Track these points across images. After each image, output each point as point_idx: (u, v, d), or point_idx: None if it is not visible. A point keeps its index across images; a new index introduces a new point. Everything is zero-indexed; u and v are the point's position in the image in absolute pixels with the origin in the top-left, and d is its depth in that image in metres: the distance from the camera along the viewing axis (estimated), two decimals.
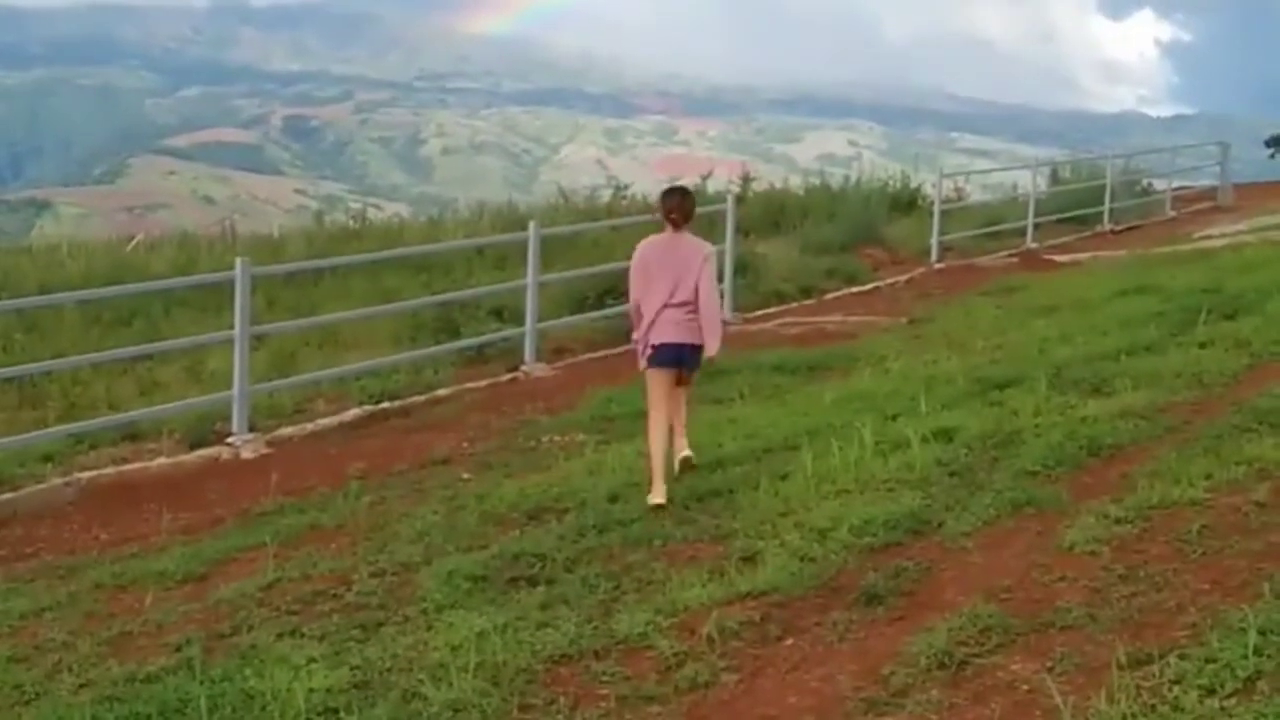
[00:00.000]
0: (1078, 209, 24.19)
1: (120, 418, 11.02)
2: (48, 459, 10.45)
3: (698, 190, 24.51)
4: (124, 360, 12.74)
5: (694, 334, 7.64)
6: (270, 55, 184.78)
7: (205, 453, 10.55)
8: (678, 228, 7.74)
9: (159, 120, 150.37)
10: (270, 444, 10.72)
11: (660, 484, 7.39)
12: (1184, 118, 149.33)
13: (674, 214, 7.76)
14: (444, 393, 12.30)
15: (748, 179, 25.28)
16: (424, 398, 12.13)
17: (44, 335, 14.01)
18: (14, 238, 51.29)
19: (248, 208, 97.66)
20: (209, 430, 11.01)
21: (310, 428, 11.21)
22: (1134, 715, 4.28)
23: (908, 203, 25.01)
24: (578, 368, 13.33)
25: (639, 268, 7.73)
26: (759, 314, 15.80)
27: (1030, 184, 23.97)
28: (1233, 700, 4.29)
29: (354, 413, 11.64)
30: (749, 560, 6.24)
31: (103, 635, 6.31)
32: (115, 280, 14.67)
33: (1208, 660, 4.53)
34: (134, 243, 21.00)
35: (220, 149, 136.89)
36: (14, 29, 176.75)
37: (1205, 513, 6.02)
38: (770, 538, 6.46)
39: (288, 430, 11.11)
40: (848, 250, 20.05)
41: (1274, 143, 38.42)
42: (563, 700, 5.06)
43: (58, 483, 9.82)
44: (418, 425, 11.23)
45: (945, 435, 7.85)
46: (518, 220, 20.15)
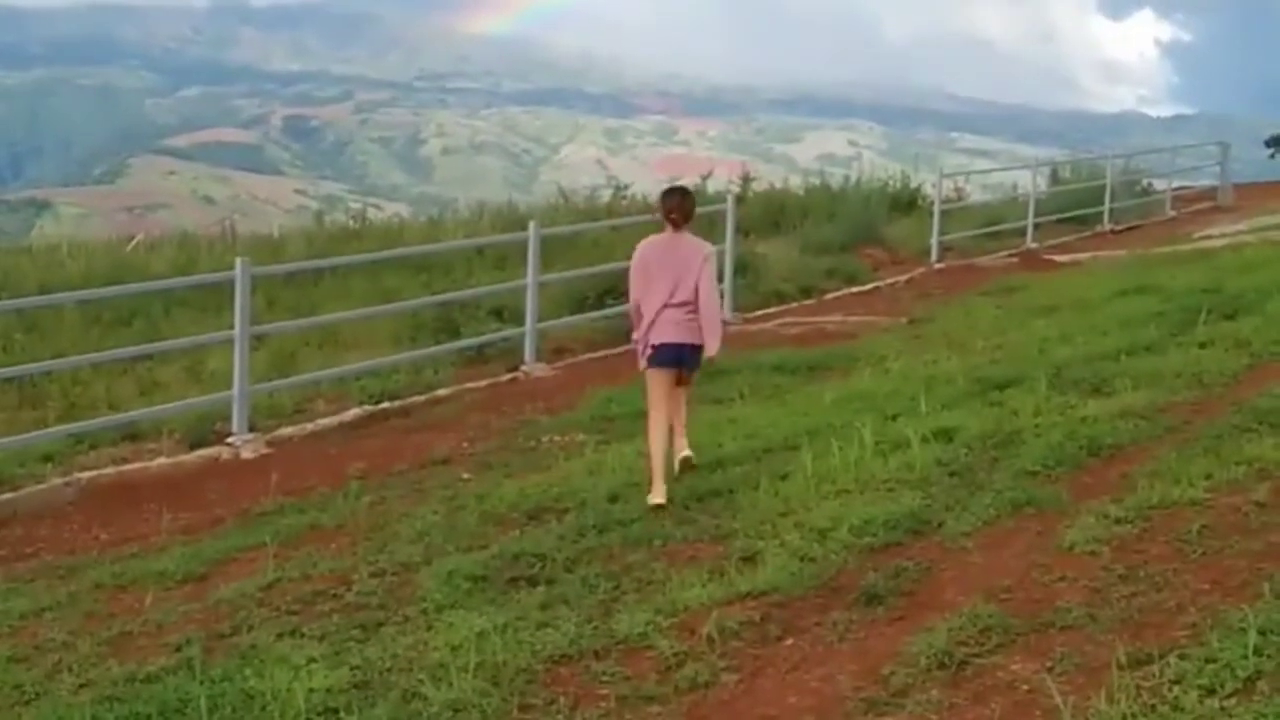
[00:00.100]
0: (1078, 209, 24.19)
1: (120, 418, 11.02)
2: (48, 459, 10.45)
3: (698, 190, 24.51)
4: (124, 360, 12.73)
5: (694, 334, 7.63)
6: (270, 55, 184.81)
7: (205, 453, 10.55)
8: (678, 228, 7.72)
9: (159, 120, 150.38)
10: (270, 444, 10.72)
11: (660, 484, 7.40)
12: (1184, 118, 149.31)
13: (674, 214, 7.74)
14: (444, 393, 12.30)
15: (748, 179, 25.29)
16: (424, 398, 12.12)
17: (44, 335, 14.02)
18: (14, 238, 51.29)
19: (248, 208, 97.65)
20: (209, 430, 11.01)
21: (310, 428, 11.20)
22: (1134, 715, 4.28)
23: (908, 203, 25.02)
24: (578, 368, 13.34)
25: (639, 268, 7.72)
26: (759, 314, 15.81)
27: (1030, 184, 23.97)
28: (1233, 700, 4.29)
29: (354, 413, 11.64)
30: (749, 560, 6.24)
31: (103, 635, 6.31)
32: (115, 280, 14.68)
33: (1208, 660, 4.53)
34: (134, 243, 21.00)
35: (220, 149, 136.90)
36: (14, 29, 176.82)
37: (1205, 513, 6.02)
38: (770, 538, 6.47)
39: (288, 430, 11.11)
40: (848, 250, 20.04)
41: (1274, 143, 38.42)
42: (563, 700, 5.06)
43: (58, 483, 9.82)
44: (418, 425, 11.23)
45: (945, 435, 7.85)
46: (518, 220, 20.15)
